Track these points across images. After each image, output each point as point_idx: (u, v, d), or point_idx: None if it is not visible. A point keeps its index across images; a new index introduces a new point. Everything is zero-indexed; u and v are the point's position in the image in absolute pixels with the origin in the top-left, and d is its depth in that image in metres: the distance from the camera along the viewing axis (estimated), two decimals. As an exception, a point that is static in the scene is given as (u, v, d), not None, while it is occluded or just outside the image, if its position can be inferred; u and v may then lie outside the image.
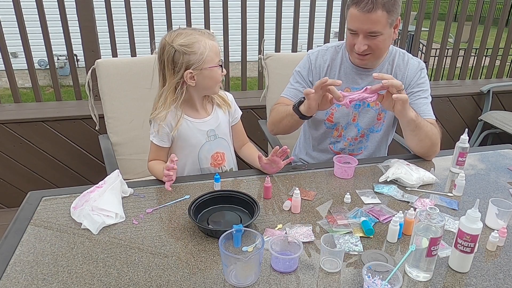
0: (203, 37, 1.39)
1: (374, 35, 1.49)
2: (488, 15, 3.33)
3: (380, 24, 1.47)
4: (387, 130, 1.77)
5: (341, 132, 1.75)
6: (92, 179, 2.64)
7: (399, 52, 1.70)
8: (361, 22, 1.47)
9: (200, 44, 1.37)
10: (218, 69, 1.43)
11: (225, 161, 1.59)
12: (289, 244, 1.07)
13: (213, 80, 1.44)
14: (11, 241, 1.12)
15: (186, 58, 1.37)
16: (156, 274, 1.01)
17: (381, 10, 1.44)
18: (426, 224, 0.98)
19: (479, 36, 3.49)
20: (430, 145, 1.58)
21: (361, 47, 1.51)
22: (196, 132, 1.50)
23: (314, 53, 1.74)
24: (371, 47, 1.53)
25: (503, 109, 3.31)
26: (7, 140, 2.47)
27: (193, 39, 1.38)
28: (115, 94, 2.00)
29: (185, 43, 1.37)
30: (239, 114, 1.65)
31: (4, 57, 2.59)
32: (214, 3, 2.84)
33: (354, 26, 1.50)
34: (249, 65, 3.21)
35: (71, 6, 2.59)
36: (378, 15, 1.45)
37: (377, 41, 1.51)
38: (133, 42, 2.79)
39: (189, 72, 1.39)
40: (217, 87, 1.49)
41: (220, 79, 1.46)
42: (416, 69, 1.67)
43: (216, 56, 1.42)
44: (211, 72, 1.41)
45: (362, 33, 1.50)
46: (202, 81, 1.42)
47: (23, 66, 2.69)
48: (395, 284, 0.90)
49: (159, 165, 1.47)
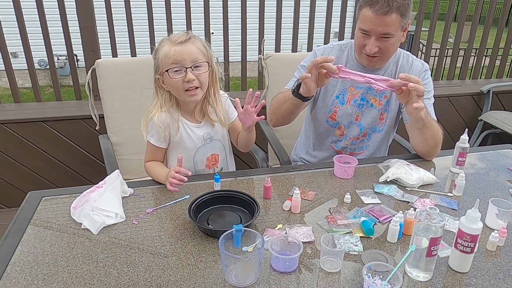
0: (167, 43, 1.38)
1: (386, 37, 1.50)
2: (488, 15, 3.33)
3: (394, 27, 1.47)
4: (389, 130, 1.77)
5: (343, 131, 1.75)
6: (92, 179, 2.64)
7: (403, 53, 1.71)
8: (375, 24, 1.47)
9: (160, 50, 1.38)
10: (173, 76, 1.37)
11: (218, 162, 1.59)
12: (289, 244, 1.07)
13: (172, 87, 1.42)
14: (11, 241, 1.12)
15: (154, 64, 1.42)
16: (156, 274, 1.01)
17: (395, 13, 1.45)
18: (426, 224, 0.98)
19: (479, 36, 3.49)
20: (433, 145, 1.58)
21: (372, 48, 1.51)
22: (192, 135, 1.51)
23: (320, 49, 1.75)
24: (382, 49, 1.53)
25: (503, 109, 3.31)
26: (7, 140, 2.47)
27: (159, 45, 1.40)
28: (115, 94, 2.00)
29: (156, 47, 1.41)
30: (235, 115, 1.61)
31: (4, 57, 2.59)
32: (214, 3, 2.84)
33: (367, 27, 1.49)
34: (249, 65, 3.20)
35: (71, 6, 2.58)
36: (393, 18, 1.45)
37: (388, 44, 1.52)
38: (133, 42, 2.79)
39: (157, 77, 1.42)
40: (183, 94, 1.41)
41: (179, 86, 1.38)
42: (420, 70, 1.68)
43: (169, 60, 1.35)
44: (167, 79, 1.40)
45: (375, 35, 1.50)
46: (168, 87, 1.43)
47: (23, 66, 2.69)
48: (395, 284, 0.90)
49: (158, 167, 1.47)
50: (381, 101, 1.70)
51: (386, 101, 1.70)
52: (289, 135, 2.15)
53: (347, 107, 1.70)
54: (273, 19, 2.93)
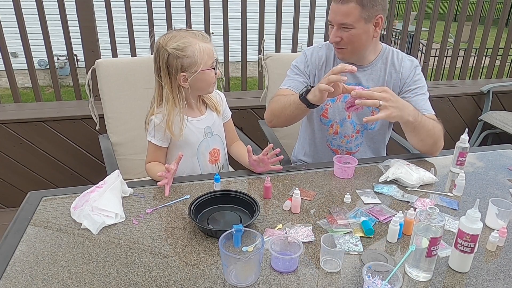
0: (196, 40, 1.39)
1: (346, 27, 1.53)
2: (488, 15, 3.33)
3: (352, 16, 1.50)
4: (383, 128, 1.77)
5: (336, 129, 1.76)
6: (92, 179, 2.64)
7: (392, 51, 1.72)
8: (335, 13, 1.53)
9: (194, 48, 1.38)
10: (211, 72, 1.43)
11: (220, 157, 1.61)
12: (289, 244, 1.07)
13: (205, 82, 1.45)
14: (11, 241, 1.12)
15: (180, 61, 1.38)
16: (156, 274, 1.01)
17: (354, 3, 1.48)
18: (426, 224, 0.98)
19: (479, 36, 3.49)
20: (432, 143, 1.58)
21: (333, 38, 1.57)
22: (194, 130, 1.51)
23: (309, 49, 1.78)
24: (345, 40, 1.56)
25: (503, 109, 3.31)
26: (7, 140, 2.47)
27: (186, 42, 1.38)
28: (115, 94, 2.00)
29: (178, 46, 1.38)
30: (229, 114, 1.69)
31: (4, 57, 2.59)
32: (214, 3, 2.84)
33: (330, 17, 1.56)
34: (249, 65, 3.21)
35: (71, 6, 2.59)
36: (350, 7, 1.49)
37: (349, 34, 1.55)
38: (133, 42, 2.79)
39: (182, 75, 1.40)
40: (211, 88, 1.50)
41: (213, 81, 1.46)
42: (410, 67, 1.69)
43: (209, 59, 1.41)
44: (203, 75, 1.42)
45: (336, 25, 1.55)
46: (196, 83, 1.44)
47: (23, 66, 2.69)
48: (395, 284, 0.90)
49: (158, 167, 1.47)
50: None
51: None
52: (289, 135, 2.15)
53: (338, 103, 1.72)
54: (273, 19, 2.93)
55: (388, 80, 1.68)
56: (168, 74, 1.42)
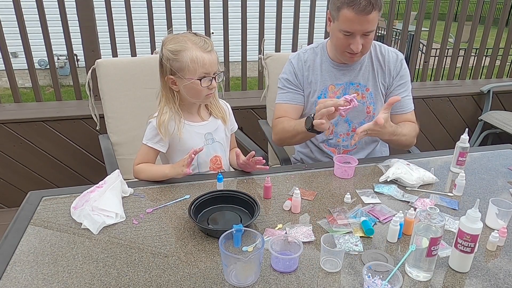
0: (194, 47, 1.37)
1: (367, 33, 1.53)
2: (488, 15, 3.33)
3: (375, 22, 1.53)
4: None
5: (331, 129, 1.76)
6: (92, 179, 2.64)
7: (374, 44, 1.73)
8: (359, 23, 1.49)
9: (186, 54, 1.37)
10: (200, 82, 1.39)
11: (222, 166, 1.58)
12: (289, 244, 1.07)
13: (194, 91, 1.42)
14: (11, 241, 1.12)
15: (170, 63, 1.39)
16: (156, 274, 1.01)
17: (376, 10, 1.49)
18: (426, 224, 0.98)
19: (479, 36, 3.49)
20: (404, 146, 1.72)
21: (359, 47, 1.55)
22: (194, 135, 1.50)
23: (294, 57, 1.78)
24: (364, 45, 1.57)
25: (503, 109, 3.31)
26: (7, 140, 2.47)
27: (182, 47, 1.37)
28: (115, 94, 2.00)
29: (173, 49, 1.38)
30: (235, 127, 1.68)
31: (4, 57, 2.59)
32: (214, 3, 2.84)
33: (351, 28, 1.51)
34: (249, 65, 3.21)
35: (71, 6, 2.59)
36: (374, 15, 1.50)
37: (369, 39, 1.57)
38: (133, 42, 2.79)
39: (170, 78, 1.41)
40: (203, 98, 1.45)
41: (202, 92, 1.42)
42: (396, 60, 1.72)
43: (201, 69, 1.37)
44: (192, 84, 1.40)
45: (359, 34, 1.53)
46: (184, 90, 1.43)
47: (23, 66, 2.69)
48: (395, 284, 0.90)
49: (155, 166, 1.47)
50: (363, 94, 1.72)
51: (369, 93, 1.72)
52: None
53: None
54: (273, 19, 2.93)
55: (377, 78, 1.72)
56: (161, 74, 1.44)
